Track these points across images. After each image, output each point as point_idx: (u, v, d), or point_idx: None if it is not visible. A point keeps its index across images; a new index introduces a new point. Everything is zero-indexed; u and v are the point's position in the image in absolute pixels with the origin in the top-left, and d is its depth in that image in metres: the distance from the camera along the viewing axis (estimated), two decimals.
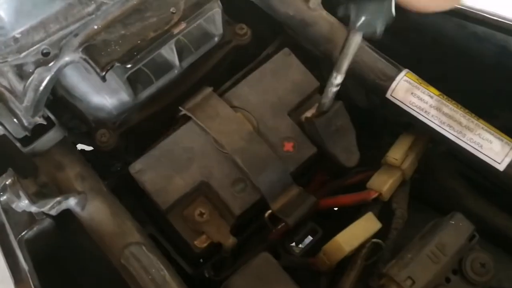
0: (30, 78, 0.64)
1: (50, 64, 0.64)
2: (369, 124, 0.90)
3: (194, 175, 0.74)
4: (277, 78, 0.80)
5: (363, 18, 0.61)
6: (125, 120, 0.80)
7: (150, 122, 0.81)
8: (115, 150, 0.79)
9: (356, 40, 0.66)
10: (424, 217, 0.78)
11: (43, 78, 0.64)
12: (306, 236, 0.83)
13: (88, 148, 0.83)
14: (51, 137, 0.71)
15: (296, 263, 0.78)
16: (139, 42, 0.63)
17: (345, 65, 0.68)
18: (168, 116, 0.81)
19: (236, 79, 0.83)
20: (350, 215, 0.81)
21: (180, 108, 0.76)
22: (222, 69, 0.85)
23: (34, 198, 0.65)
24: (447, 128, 0.72)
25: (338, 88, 0.71)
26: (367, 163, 0.83)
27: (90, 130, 0.79)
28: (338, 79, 0.70)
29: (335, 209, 0.92)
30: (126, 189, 0.79)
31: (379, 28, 0.62)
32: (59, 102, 0.78)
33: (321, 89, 0.80)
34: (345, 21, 0.82)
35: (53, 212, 0.68)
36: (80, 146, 0.82)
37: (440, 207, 0.80)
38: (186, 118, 0.77)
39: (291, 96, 0.80)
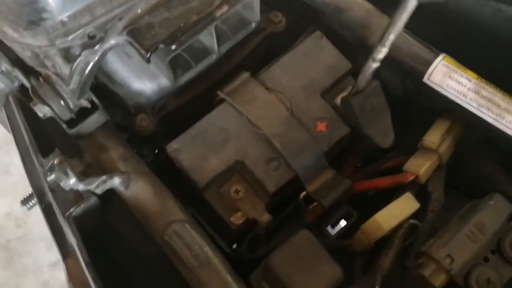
0: (77, 61, 0.66)
1: (96, 47, 0.66)
2: (402, 112, 0.90)
3: (229, 154, 0.76)
4: (309, 60, 0.82)
5: None
6: (163, 106, 0.82)
7: (188, 107, 0.83)
8: (153, 136, 0.81)
9: (410, 6, 0.63)
10: (459, 203, 0.78)
11: (89, 61, 0.66)
12: (340, 219, 0.84)
13: None
14: (95, 119, 0.74)
15: (331, 245, 0.79)
16: (182, 25, 0.65)
17: (392, 36, 0.67)
18: (205, 102, 0.82)
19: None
20: (383, 201, 0.81)
21: (218, 92, 0.78)
22: (256, 56, 0.86)
23: (81, 176, 0.68)
24: (485, 111, 0.72)
25: (378, 65, 0.70)
26: (400, 149, 0.84)
27: (130, 115, 0.81)
28: (381, 53, 0.68)
29: (369, 194, 0.93)
30: (161, 175, 0.81)
31: None
32: (100, 89, 0.81)
33: (354, 72, 0.81)
34: (381, 6, 0.83)
35: (99, 191, 0.70)
36: None
37: (476, 194, 0.80)
38: (222, 102, 0.79)
39: (324, 78, 0.81)
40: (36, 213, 2.08)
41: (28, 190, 1.24)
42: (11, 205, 2.12)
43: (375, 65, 0.71)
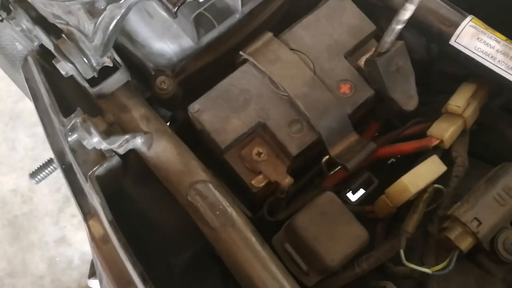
0: (101, 16, 0.65)
1: (121, 1, 0.64)
2: (424, 79, 0.89)
3: (251, 115, 0.75)
4: (333, 22, 0.80)
5: None
6: (184, 68, 0.81)
7: (208, 70, 0.82)
8: (173, 98, 0.80)
9: None
10: (483, 170, 0.77)
11: (114, 16, 0.65)
12: (361, 186, 0.83)
13: None
14: (117, 79, 0.73)
15: (352, 211, 0.79)
16: None
17: None
18: (226, 65, 0.81)
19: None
20: (403, 169, 0.81)
21: (240, 53, 0.77)
22: (279, 17, 0.85)
23: (104, 134, 0.67)
24: None
25: (404, 24, 0.69)
26: (421, 117, 0.83)
27: (150, 78, 0.80)
28: (408, 11, 0.66)
29: (389, 162, 0.93)
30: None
31: None
32: (120, 51, 0.79)
33: (377, 34, 0.79)
34: None
35: (121, 151, 0.70)
36: None
37: (500, 161, 0.80)
38: (245, 63, 0.78)
39: (347, 39, 0.79)
40: (42, 189, 2.10)
41: (34, 166, 1.24)
42: (17, 181, 2.12)
43: (400, 25, 0.69)
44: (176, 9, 0.63)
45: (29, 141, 2.18)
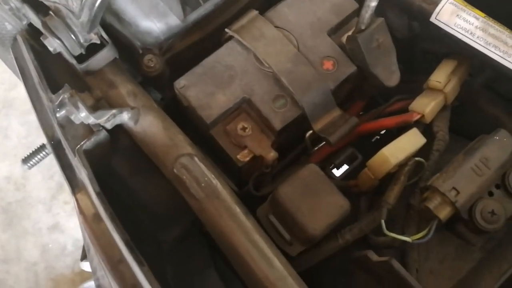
0: None
1: None
2: (407, 57, 0.91)
3: (236, 91, 0.76)
4: (316, 0, 0.82)
5: None
6: (171, 46, 0.82)
7: (195, 48, 0.83)
8: (160, 77, 0.82)
9: None
10: (462, 145, 0.79)
11: None
12: (345, 161, 0.85)
13: None
14: (104, 55, 0.74)
15: (336, 186, 0.80)
16: None
17: None
18: (212, 44, 0.82)
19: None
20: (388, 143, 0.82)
21: (226, 30, 0.78)
22: None
23: (92, 109, 0.68)
24: (492, 49, 0.73)
25: (377, 2, 0.70)
26: (402, 95, 0.85)
27: (137, 56, 0.81)
28: None
29: (373, 139, 0.95)
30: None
31: None
32: (107, 30, 0.80)
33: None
34: None
35: (108, 125, 0.71)
36: None
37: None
38: (230, 39, 0.79)
39: (330, 17, 0.81)
40: (35, 177, 2.10)
41: (27, 152, 1.25)
42: (10, 169, 2.13)
43: (374, 1, 0.71)
44: None
45: (22, 129, 2.18)
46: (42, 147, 1.23)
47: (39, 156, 1.24)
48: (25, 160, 1.26)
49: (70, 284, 1.97)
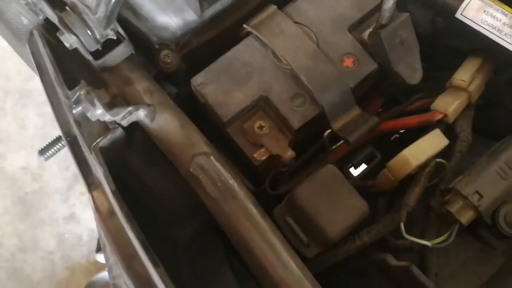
0: None
1: None
2: (430, 53, 0.89)
3: (253, 89, 0.75)
4: None
5: None
6: (188, 42, 0.81)
7: (212, 44, 0.82)
8: (176, 72, 0.81)
9: None
10: (486, 146, 0.77)
11: None
12: (363, 160, 0.83)
13: None
14: (121, 51, 0.73)
15: (354, 186, 0.79)
16: None
17: None
18: (229, 39, 0.81)
19: None
20: (407, 143, 0.81)
21: (244, 25, 0.77)
22: None
23: (108, 106, 0.67)
24: None
25: None
26: (423, 93, 0.82)
27: (154, 51, 0.80)
28: None
29: (393, 138, 0.93)
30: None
31: None
32: (124, 25, 0.79)
33: None
34: None
35: (124, 123, 0.70)
36: None
37: (503, 136, 0.79)
38: (248, 36, 0.77)
39: (351, 12, 0.79)
40: (51, 167, 2.12)
41: (44, 144, 1.26)
42: (27, 159, 2.15)
43: None
44: None
45: (38, 120, 2.20)
46: (59, 139, 1.23)
47: (55, 148, 1.25)
48: (42, 152, 1.27)
49: (85, 273, 1.99)
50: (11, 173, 2.11)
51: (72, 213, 2.06)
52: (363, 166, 0.85)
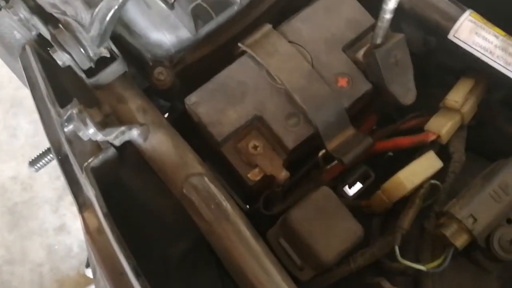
0: (98, 7, 0.64)
1: None
2: (422, 72, 0.89)
3: (248, 108, 0.74)
4: (331, 14, 0.80)
5: None
6: (182, 58, 0.80)
7: (206, 61, 0.82)
8: (170, 89, 0.80)
9: None
10: (480, 165, 0.77)
11: (111, 7, 0.64)
12: (358, 180, 0.83)
13: None
14: (114, 69, 0.72)
15: (348, 206, 0.78)
16: None
17: None
18: (224, 56, 0.81)
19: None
20: (400, 163, 0.80)
21: (238, 44, 0.76)
22: (277, 9, 0.84)
23: (100, 126, 0.67)
24: None
25: (392, 15, 0.68)
26: (418, 111, 0.82)
27: (147, 68, 0.79)
28: (392, 1, 0.65)
29: (386, 156, 0.92)
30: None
31: None
32: (117, 41, 0.79)
33: None
34: None
35: (117, 143, 0.69)
36: None
37: (497, 156, 0.79)
38: (243, 54, 0.77)
39: (346, 32, 0.79)
40: (42, 177, 2.10)
41: (35, 153, 1.24)
42: (17, 169, 2.13)
43: (388, 14, 0.68)
44: (173, 0, 0.63)
45: (30, 128, 2.18)
46: (49, 149, 1.21)
47: (46, 159, 1.23)
48: (32, 163, 1.25)
49: (74, 286, 1.96)
50: (0, 183, 2.09)
51: (63, 224, 2.04)
52: (358, 185, 0.85)
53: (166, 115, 0.86)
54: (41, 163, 1.24)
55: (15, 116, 2.20)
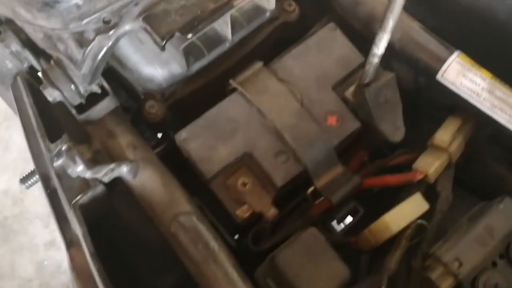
0: (90, 46, 0.65)
1: (110, 33, 0.64)
2: (413, 107, 0.90)
3: (237, 145, 0.75)
4: (322, 52, 0.81)
5: None
6: (173, 92, 0.81)
7: (198, 95, 0.82)
8: (162, 122, 0.80)
9: None
10: (468, 202, 0.78)
11: (103, 46, 0.65)
12: (347, 215, 0.83)
13: None
14: (105, 105, 0.73)
15: (336, 241, 0.79)
16: (199, 13, 0.64)
17: (391, 22, 0.64)
18: (215, 89, 0.81)
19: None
20: (390, 196, 0.81)
21: (230, 81, 0.77)
22: (269, 45, 0.85)
23: (89, 164, 0.67)
24: (498, 112, 0.72)
25: (381, 55, 0.68)
26: (407, 146, 0.83)
27: (139, 101, 0.80)
28: (383, 41, 0.66)
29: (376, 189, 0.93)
30: (169, 162, 0.80)
31: None
32: (109, 72, 0.79)
33: None
34: None
35: (106, 179, 0.69)
36: None
37: (485, 193, 0.80)
38: (234, 91, 0.78)
39: (336, 70, 0.80)
40: (33, 192, 2.08)
41: (27, 167, 1.24)
42: (9, 182, 2.11)
43: (376, 58, 0.69)
44: (164, 42, 0.63)
45: (22, 142, 2.15)
46: None
47: (37, 176, 1.23)
48: (23, 180, 1.25)
49: None
50: None
51: (53, 239, 2.02)
52: (347, 219, 0.85)
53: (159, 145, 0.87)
54: (32, 180, 1.23)
55: (8, 129, 2.19)
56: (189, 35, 0.63)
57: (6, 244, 2.02)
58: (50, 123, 0.78)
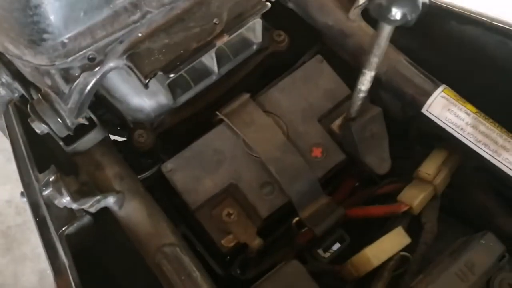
0: (76, 82, 0.66)
1: (96, 69, 0.66)
2: (402, 135, 0.90)
3: (223, 177, 0.76)
4: (309, 85, 0.82)
5: (394, 8, 0.54)
6: (162, 122, 0.82)
7: (186, 124, 0.83)
8: (151, 151, 0.81)
9: (386, 31, 0.60)
10: (453, 230, 0.78)
11: (88, 82, 0.66)
12: (333, 243, 0.84)
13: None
14: (92, 137, 0.74)
15: (322, 270, 0.80)
16: (182, 52, 0.65)
17: (374, 60, 0.65)
18: (203, 119, 0.82)
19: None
20: (377, 224, 0.82)
21: (217, 113, 0.78)
22: (257, 74, 0.86)
23: (76, 195, 0.68)
24: (482, 147, 0.72)
25: (367, 90, 0.69)
26: (397, 173, 0.83)
27: (128, 130, 0.81)
28: (367, 77, 0.67)
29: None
30: (159, 187, 0.81)
31: (411, 16, 0.55)
32: (98, 100, 0.81)
33: None
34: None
35: (92, 210, 0.71)
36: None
37: (470, 222, 0.80)
38: (221, 122, 0.79)
39: (322, 103, 0.81)
40: None
41: None
42: (12, 192, 2.13)
43: (362, 93, 0.70)
44: (147, 81, 0.65)
45: None
46: None
47: None
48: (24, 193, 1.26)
49: None
50: None
51: None
52: (335, 245, 0.85)
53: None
54: None
55: None
56: (171, 74, 0.64)
57: (9, 254, 2.04)
58: (40, 152, 0.79)
